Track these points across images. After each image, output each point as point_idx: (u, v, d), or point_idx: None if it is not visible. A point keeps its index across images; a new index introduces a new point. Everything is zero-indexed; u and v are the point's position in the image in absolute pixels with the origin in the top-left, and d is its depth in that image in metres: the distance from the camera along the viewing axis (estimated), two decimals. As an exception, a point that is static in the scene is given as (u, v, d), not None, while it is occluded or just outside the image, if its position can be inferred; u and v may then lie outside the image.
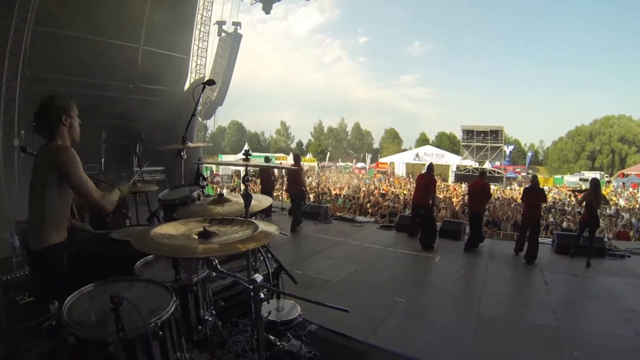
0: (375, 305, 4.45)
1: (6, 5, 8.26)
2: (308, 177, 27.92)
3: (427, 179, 7.56)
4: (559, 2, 64.27)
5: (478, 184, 7.45)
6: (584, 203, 6.78)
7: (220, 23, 18.14)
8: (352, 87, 79.55)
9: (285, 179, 10.79)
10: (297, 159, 9.23)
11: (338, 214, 11.50)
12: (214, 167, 26.41)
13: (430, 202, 7.53)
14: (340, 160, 44.73)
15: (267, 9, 15.78)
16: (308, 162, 37.15)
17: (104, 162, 11.82)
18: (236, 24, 18.19)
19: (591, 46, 66.31)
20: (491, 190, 7.98)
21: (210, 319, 2.09)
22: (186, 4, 13.47)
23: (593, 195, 6.60)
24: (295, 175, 8.38)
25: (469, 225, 7.66)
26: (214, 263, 1.68)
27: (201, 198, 2.79)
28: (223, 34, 18.28)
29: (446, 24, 78.89)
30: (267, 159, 10.72)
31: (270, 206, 10.06)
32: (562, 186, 29.53)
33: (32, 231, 2.10)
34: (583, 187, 8.16)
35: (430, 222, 7.48)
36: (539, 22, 70.37)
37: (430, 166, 7.86)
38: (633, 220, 12.68)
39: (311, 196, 12.94)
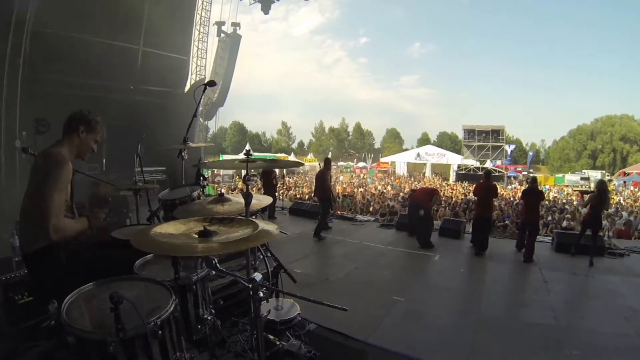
0: (374, 304, 4.46)
1: (6, 6, 8.26)
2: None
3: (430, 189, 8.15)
4: (559, 3, 64.34)
5: (484, 186, 7.32)
6: (589, 205, 6.76)
7: (220, 24, 18.19)
8: (353, 88, 79.79)
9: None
10: (327, 163, 8.30)
11: (338, 212, 11.50)
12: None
13: (430, 204, 7.70)
14: (341, 160, 44.71)
15: (265, 9, 15.80)
16: (309, 162, 37.16)
17: (105, 163, 11.82)
18: (235, 25, 18.23)
19: (593, 47, 66.48)
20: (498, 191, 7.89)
21: (209, 318, 2.09)
22: (185, 5, 13.46)
23: (599, 198, 6.57)
24: (322, 179, 8.01)
25: (475, 228, 7.45)
26: (214, 262, 1.69)
27: (201, 198, 2.80)
28: (222, 35, 18.31)
29: (447, 25, 79.01)
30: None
31: (274, 207, 10.07)
32: (563, 185, 29.48)
33: (27, 232, 2.09)
34: (590, 188, 8.04)
35: (428, 222, 7.53)
36: (539, 23, 70.42)
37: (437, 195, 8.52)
38: (632, 219, 12.64)
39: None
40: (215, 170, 26.43)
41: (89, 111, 2.30)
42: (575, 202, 16.13)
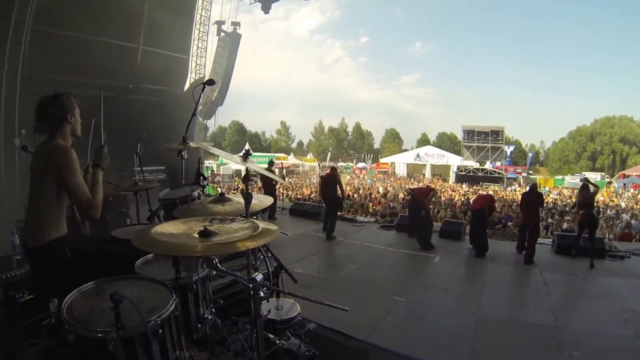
0: (375, 304, 4.45)
1: (5, 5, 8.26)
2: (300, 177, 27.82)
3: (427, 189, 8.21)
4: (560, 3, 64.50)
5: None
6: (579, 204, 6.93)
7: (220, 23, 18.21)
8: (353, 88, 79.76)
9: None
10: (334, 169, 8.69)
11: (339, 213, 11.47)
12: (214, 166, 26.48)
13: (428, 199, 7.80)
14: (340, 160, 44.72)
15: (266, 9, 15.81)
16: (309, 162, 37.16)
17: (104, 162, 11.79)
18: (235, 24, 18.26)
19: (592, 47, 66.43)
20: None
21: (210, 317, 2.09)
22: (185, 4, 13.46)
23: (583, 194, 6.77)
24: (333, 180, 7.99)
25: (472, 225, 7.49)
26: (214, 262, 1.68)
27: (201, 197, 2.79)
28: (222, 34, 18.32)
29: (447, 24, 78.97)
30: (270, 163, 10.53)
31: (275, 208, 10.04)
32: (563, 187, 29.51)
33: (31, 228, 2.08)
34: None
35: (429, 222, 7.55)
36: (539, 23, 70.45)
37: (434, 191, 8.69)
38: (633, 221, 12.64)
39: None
40: (215, 170, 26.52)
41: (58, 93, 2.19)
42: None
